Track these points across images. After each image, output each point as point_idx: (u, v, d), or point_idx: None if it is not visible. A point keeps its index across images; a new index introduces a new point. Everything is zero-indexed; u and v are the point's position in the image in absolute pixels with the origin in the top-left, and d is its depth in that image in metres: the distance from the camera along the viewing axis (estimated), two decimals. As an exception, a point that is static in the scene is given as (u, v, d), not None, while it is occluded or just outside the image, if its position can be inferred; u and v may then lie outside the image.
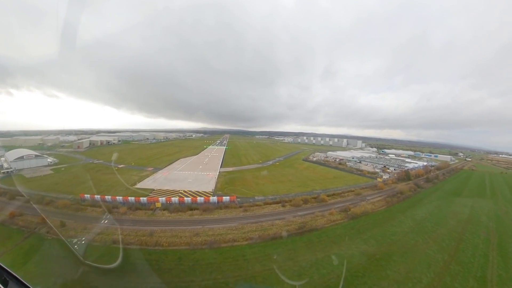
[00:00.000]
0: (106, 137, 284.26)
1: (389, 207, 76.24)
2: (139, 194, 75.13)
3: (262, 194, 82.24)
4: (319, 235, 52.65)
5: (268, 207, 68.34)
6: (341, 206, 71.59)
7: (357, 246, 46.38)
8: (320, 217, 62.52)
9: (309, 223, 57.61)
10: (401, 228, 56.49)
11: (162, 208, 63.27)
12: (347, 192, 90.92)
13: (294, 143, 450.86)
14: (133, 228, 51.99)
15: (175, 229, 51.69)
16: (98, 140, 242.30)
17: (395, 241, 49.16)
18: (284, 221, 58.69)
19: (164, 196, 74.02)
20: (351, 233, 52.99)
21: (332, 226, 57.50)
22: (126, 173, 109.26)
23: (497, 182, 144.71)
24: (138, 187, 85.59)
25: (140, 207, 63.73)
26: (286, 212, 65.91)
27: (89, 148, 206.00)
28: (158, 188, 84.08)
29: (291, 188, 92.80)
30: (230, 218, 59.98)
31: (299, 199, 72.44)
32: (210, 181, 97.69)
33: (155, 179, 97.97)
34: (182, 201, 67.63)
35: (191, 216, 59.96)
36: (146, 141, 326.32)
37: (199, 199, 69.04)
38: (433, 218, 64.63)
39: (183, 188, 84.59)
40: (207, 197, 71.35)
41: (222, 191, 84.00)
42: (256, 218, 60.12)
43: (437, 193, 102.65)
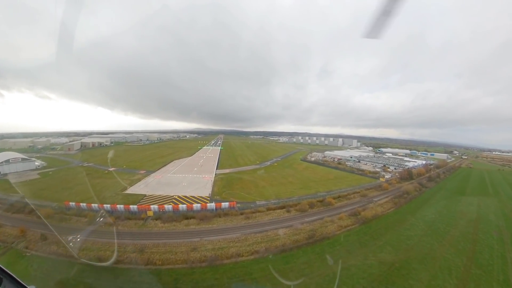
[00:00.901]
0: (98, 138, 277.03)
1: (397, 208, 72.84)
2: (129, 201, 68.57)
3: (264, 198, 76.46)
4: (332, 244, 47.79)
5: (271, 213, 62.56)
6: (349, 210, 67.22)
7: (374, 254, 43.02)
8: (330, 223, 57.55)
9: (318, 230, 52.37)
10: (414, 231, 54.23)
11: (155, 217, 56.56)
12: (352, 193, 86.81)
13: (290, 143, 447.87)
14: (121, 243, 45.48)
15: (170, 243, 45.32)
16: (89, 142, 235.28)
17: (411, 246, 46.81)
18: (292, 229, 53.11)
19: (156, 203, 67.43)
20: (365, 240, 49.52)
21: (344, 233, 52.87)
22: (116, 176, 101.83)
23: (497, 180, 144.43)
24: (129, 192, 78.76)
25: (129, 216, 56.88)
26: (292, 218, 60.38)
27: (80, 151, 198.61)
28: (150, 193, 77.28)
29: (293, 191, 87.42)
30: (231, 227, 53.69)
31: (305, 203, 67.06)
32: (206, 185, 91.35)
33: (147, 183, 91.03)
34: (176, 208, 60.99)
35: (187, 226, 53.32)
36: (139, 142, 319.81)
37: (195, 206, 62.53)
38: (443, 219, 63.23)
39: (178, 193, 78.02)
40: (204, 204, 64.89)
41: (220, 195, 77.80)
42: (260, 227, 54.20)
43: (442, 192, 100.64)
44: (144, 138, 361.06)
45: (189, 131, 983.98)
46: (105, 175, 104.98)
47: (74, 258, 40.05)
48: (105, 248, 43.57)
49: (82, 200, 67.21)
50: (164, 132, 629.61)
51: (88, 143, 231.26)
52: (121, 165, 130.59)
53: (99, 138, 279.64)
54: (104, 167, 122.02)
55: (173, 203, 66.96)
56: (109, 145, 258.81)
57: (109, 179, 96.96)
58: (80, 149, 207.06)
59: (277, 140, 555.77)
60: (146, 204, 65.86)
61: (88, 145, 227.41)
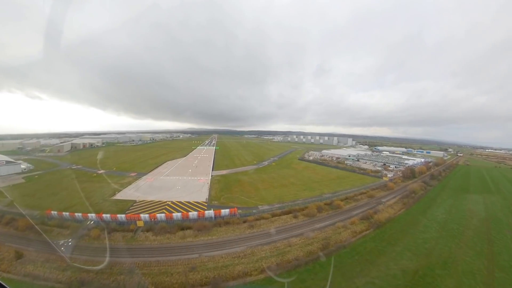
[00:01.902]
0: (89, 139, 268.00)
1: (407, 209, 69.76)
2: (117, 208, 61.81)
3: (266, 202, 70.65)
4: (349, 253, 43.21)
5: (277, 219, 56.66)
6: (360, 213, 63.41)
7: (395, 262, 40.23)
8: (342, 229, 52.95)
9: (332, 238, 47.77)
10: (429, 233, 52.57)
11: (145, 227, 49.82)
12: (359, 194, 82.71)
13: (284, 142, 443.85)
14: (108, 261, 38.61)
15: (164, 261, 38.86)
16: (80, 143, 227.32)
17: (430, 250, 44.87)
18: (303, 238, 47.66)
19: (147, 210, 60.67)
20: (382, 247, 46.15)
21: (360, 240, 48.76)
22: (105, 180, 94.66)
23: (496, 177, 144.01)
24: (118, 198, 71.73)
25: (117, 227, 49.99)
26: (301, 225, 54.85)
27: (70, 152, 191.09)
28: (141, 199, 70.34)
29: (297, 193, 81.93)
30: (234, 239, 47.27)
31: (313, 207, 61.67)
32: (203, 188, 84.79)
33: (138, 187, 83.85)
34: (170, 217, 54.10)
35: (183, 239, 46.63)
36: (132, 142, 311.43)
37: (191, 214, 55.71)
38: (454, 219, 62.47)
39: (171, 198, 71.27)
40: (202, 211, 58.04)
41: (218, 200, 71.40)
42: (267, 237, 48.28)
43: (446, 191, 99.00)
44: (136, 138, 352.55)
45: (182, 131, 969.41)
46: (93, 179, 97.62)
47: (53, 281, 33.49)
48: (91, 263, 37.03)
49: (66, 208, 61.09)
50: (157, 132, 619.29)
51: (79, 144, 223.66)
52: (111, 167, 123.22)
53: (90, 139, 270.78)
54: (93, 170, 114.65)
55: (166, 211, 60.34)
56: (101, 146, 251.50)
57: (98, 183, 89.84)
58: (70, 150, 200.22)
59: (272, 139, 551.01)
60: (135, 212, 59.04)
61: (78, 146, 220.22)
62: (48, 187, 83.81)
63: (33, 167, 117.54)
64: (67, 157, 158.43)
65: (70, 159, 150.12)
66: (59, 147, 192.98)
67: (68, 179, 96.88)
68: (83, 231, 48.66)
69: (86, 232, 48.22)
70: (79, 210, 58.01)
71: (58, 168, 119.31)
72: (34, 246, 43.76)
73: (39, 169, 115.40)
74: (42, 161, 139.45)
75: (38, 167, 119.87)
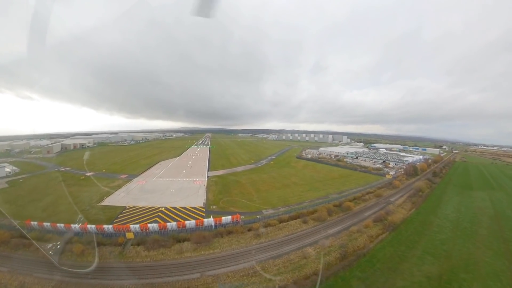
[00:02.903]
0: (80, 139, 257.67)
1: (417, 209, 67.17)
2: (105, 216, 55.14)
3: (270, 205, 65.09)
4: (370, 261, 39.48)
5: (286, 226, 51.09)
6: (372, 214, 60.39)
7: (418, 268, 38.01)
8: (358, 233, 48.93)
9: (349, 245, 43.47)
10: (444, 234, 51.15)
11: (136, 240, 43.33)
12: (366, 194, 78.99)
13: (279, 140, 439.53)
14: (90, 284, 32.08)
15: (159, 284, 32.60)
16: (71, 143, 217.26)
17: (449, 252, 43.38)
18: (318, 247, 42.51)
19: (138, 219, 54.08)
20: (402, 251, 43.37)
21: (378, 246, 45.06)
22: (94, 183, 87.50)
23: (495, 173, 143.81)
24: (106, 204, 64.87)
25: (103, 240, 43.32)
26: (313, 231, 49.64)
27: (60, 153, 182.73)
28: (131, 204, 63.61)
29: (302, 194, 76.78)
30: (240, 252, 41.02)
31: (323, 211, 56.49)
32: (199, 191, 78.37)
33: (128, 191, 76.81)
34: (164, 227, 47.71)
35: (180, 254, 40.11)
36: (124, 142, 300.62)
37: (188, 223, 49.33)
38: (465, 217, 61.77)
39: (164, 204, 64.78)
40: (200, 219, 51.60)
41: (216, 204, 65.26)
42: (277, 248, 42.66)
43: (451, 188, 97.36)
44: (129, 138, 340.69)
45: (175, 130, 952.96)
46: (81, 182, 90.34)
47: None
48: None
49: (49, 216, 55.17)
50: (150, 132, 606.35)
51: (69, 144, 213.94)
52: (100, 168, 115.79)
53: (81, 139, 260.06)
54: (82, 172, 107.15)
55: (159, 219, 54.01)
56: (92, 146, 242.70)
57: (85, 187, 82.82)
58: (60, 151, 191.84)
59: (266, 137, 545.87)
60: (125, 221, 52.49)
61: (69, 147, 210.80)
62: (32, 192, 76.65)
63: (19, 170, 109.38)
64: (56, 159, 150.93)
65: (59, 160, 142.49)
66: (49, 148, 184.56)
67: (55, 182, 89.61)
68: (65, 246, 41.85)
69: (69, 247, 41.42)
70: (63, 219, 51.58)
71: (45, 171, 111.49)
72: (8, 264, 37.40)
73: (25, 172, 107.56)
74: (30, 163, 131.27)
75: (24, 170, 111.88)
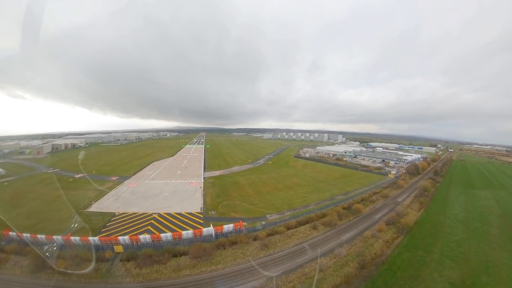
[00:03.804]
0: (71, 139, 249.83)
1: (426, 209, 65.61)
2: (91, 225, 49.44)
3: (274, 209, 60.28)
4: (390, 269, 36.98)
5: (295, 233, 46.37)
6: (383, 217, 58.05)
7: (439, 274, 36.67)
8: (373, 239, 45.72)
9: (366, 252, 40.14)
10: (457, 235, 50.28)
11: (125, 255, 37.73)
12: (373, 194, 76.19)
13: (274, 139, 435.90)
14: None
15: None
16: (62, 143, 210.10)
17: (466, 255, 42.39)
18: (333, 256, 38.41)
19: (128, 228, 48.43)
20: (420, 256, 41.52)
21: (395, 251, 42.27)
22: (82, 186, 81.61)
23: (493, 172, 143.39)
24: (94, 210, 58.97)
25: (88, 256, 37.36)
26: (325, 238, 45.31)
27: (51, 153, 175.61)
28: (121, 210, 57.85)
29: (306, 196, 72.39)
30: (247, 267, 35.53)
31: (333, 214, 52.21)
32: (195, 194, 72.93)
33: (118, 195, 70.82)
34: (157, 239, 42.13)
35: (178, 272, 34.52)
36: (117, 142, 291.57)
37: (185, 234, 43.52)
38: (474, 216, 61.50)
39: (158, 209, 59.15)
40: (199, 229, 46.10)
41: (215, 209, 59.99)
42: (289, 260, 37.76)
43: (454, 187, 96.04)
44: (122, 137, 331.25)
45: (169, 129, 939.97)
46: (69, 185, 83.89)
47: None
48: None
49: (32, 225, 49.69)
50: (144, 131, 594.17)
51: (60, 145, 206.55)
52: (90, 170, 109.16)
53: (73, 139, 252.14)
54: (71, 174, 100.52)
55: (152, 228, 48.24)
56: (84, 146, 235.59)
57: (73, 190, 76.59)
58: (51, 151, 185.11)
59: (261, 136, 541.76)
60: (113, 231, 46.73)
61: (60, 147, 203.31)
62: (16, 197, 70.24)
63: (5, 173, 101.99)
64: (46, 159, 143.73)
65: (48, 161, 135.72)
66: (39, 149, 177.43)
67: (41, 186, 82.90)
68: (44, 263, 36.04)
69: (49, 264, 35.63)
70: (45, 229, 46.30)
71: (33, 173, 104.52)
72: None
73: (12, 174, 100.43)
74: (18, 165, 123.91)
75: (11, 172, 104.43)
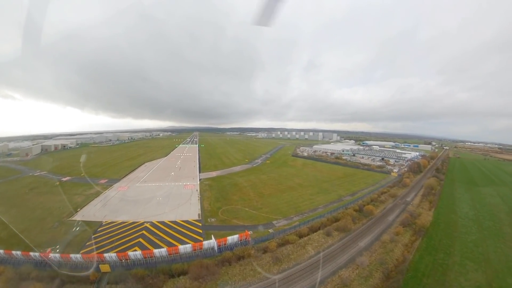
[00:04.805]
0: (62, 140, 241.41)
1: (436, 209, 63.69)
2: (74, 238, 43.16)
3: (281, 214, 55.09)
4: (415, 276, 34.46)
5: (308, 242, 41.06)
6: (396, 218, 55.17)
7: (464, 278, 34.79)
8: (391, 243, 42.59)
9: (388, 259, 36.95)
10: (473, 234, 49.08)
11: (113, 276, 31.48)
12: (381, 194, 72.59)
13: (269, 139, 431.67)
14: None
15: None
16: (52, 144, 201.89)
17: (486, 256, 40.86)
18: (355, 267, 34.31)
19: (117, 240, 42.35)
20: (442, 259, 39.37)
21: (416, 256, 39.74)
22: (69, 190, 74.72)
23: (491, 169, 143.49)
24: (78, 218, 52.52)
25: (69, 277, 31.15)
26: (342, 246, 40.76)
27: (40, 155, 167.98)
28: (109, 219, 51.58)
29: (312, 198, 67.74)
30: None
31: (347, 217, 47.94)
32: (191, 198, 66.95)
33: (106, 200, 64.36)
34: (150, 256, 35.91)
35: (176, 297, 28.89)
36: (108, 142, 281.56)
37: (182, 248, 37.12)
38: (484, 214, 60.72)
39: (150, 217, 52.87)
40: (199, 242, 39.79)
41: (215, 216, 54.05)
42: (307, 275, 32.45)
43: (457, 185, 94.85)
44: (113, 138, 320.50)
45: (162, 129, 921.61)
46: (54, 189, 76.99)
47: None
48: None
49: (9, 237, 44.03)
50: (137, 131, 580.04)
51: (50, 146, 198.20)
52: (79, 172, 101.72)
53: (63, 140, 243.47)
54: (58, 176, 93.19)
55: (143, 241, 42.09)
56: (74, 147, 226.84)
57: (58, 195, 69.67)
58: (40, 153, 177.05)
59: (256, 136, 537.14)
60: (99, 244, 40.49)
61: (50, 148, 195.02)
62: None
63: None
64: (34, 161, 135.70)
65: (36, 163, 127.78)
66: (27, 150, 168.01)
67: (25, 190, 75.76)
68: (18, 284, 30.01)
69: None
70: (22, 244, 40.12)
71: (18, 176, 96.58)
72: None
73: None
74: (3, 168, 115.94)
75: None
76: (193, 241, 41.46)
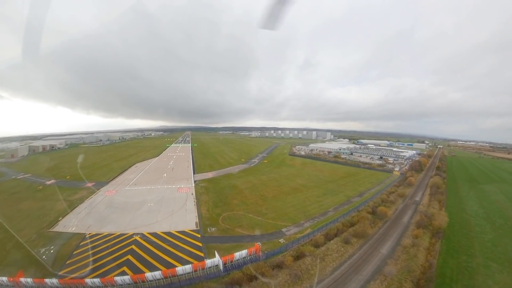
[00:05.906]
0: (50, 141, 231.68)
1: (447, 208, 61.86)
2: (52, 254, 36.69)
3: (290, 220, 49.81)
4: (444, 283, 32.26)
5: (326, 252, 35.88)
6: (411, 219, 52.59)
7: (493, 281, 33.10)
8: (413, 248, 39.77)
9: (413, 266, 34.04)
10: (488, 233, 47.94)
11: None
12: (389, 194, 69.07)
13: (263, 138, 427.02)
14: None
15: None
16: (39, 145, 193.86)
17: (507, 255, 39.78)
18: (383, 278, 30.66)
19: (101, 257, 35.85)
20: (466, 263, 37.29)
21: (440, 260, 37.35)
22: (51, 195, 67.76)
23: (488, 166, 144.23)
24: (59, 230, 46.10)
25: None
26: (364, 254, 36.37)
27: (27, 156, 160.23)
28: (93, 230, 45.09)
29: (319, 200, 63.04)
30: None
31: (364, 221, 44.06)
32: (187, 203, 60.83)
33: (92, 207, 57.64)
34: (141, 280, 29.59)
35: None
36: (99, 143, 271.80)
37: (181, 270, 30.83)
38: (492, 212, 60.09)
39: (140, 227, 46.61)
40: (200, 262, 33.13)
41: (215, 225, 47.87)
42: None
43: (460, 182, 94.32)
44: (104, 138, 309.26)
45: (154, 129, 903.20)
46: (36, 194, 69.92)
47: None
48: None
49: None
50: (128, 131, 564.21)
51: (38, 146, 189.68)
52: (64, 174, 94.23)
53: (52, 141, 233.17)
54: (42, 179, 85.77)
55: (132, 259, 35.72)
56: (63, 147, 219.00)
57: (40, 201, 62.89)
58: (27, 154, 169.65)
59: (249, 135, 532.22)
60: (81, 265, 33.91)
61: (37, 149, 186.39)
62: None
63: None
64: (19, 163, 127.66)
65: (21, 165, 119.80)
66: (13, 152, 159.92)
67: (4, 196, 68.45)
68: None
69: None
70: None
71: (1, 179, 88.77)
72: None
73: None
74: None
75: None
76: (192, 257, 35.67)
